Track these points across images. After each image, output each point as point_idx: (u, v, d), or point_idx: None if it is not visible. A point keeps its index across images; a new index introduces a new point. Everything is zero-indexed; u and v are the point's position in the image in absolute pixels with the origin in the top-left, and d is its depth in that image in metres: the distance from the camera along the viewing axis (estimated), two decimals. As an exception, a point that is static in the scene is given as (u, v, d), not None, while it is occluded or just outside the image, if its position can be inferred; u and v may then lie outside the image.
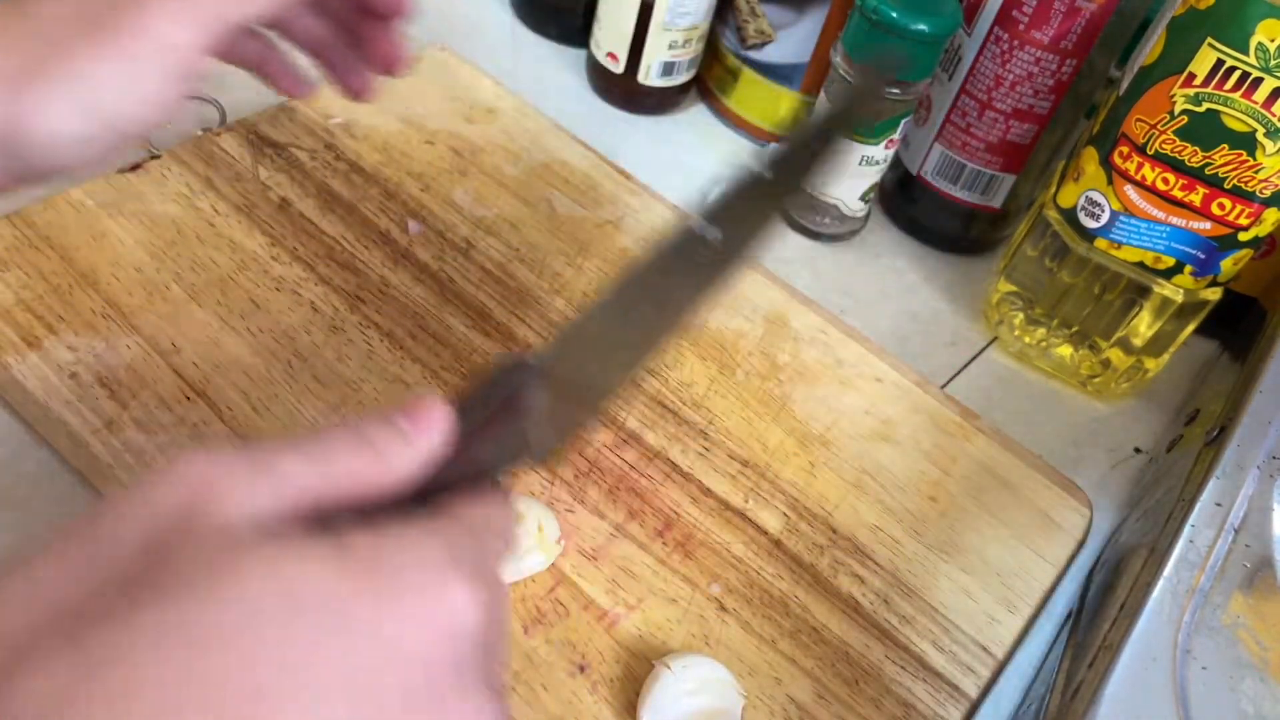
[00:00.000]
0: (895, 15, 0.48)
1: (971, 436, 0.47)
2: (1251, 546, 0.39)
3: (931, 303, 0.56)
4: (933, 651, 0.39)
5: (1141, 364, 0.51)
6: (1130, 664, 0.35)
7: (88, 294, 0.41)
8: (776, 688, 0.37)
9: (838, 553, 0.41)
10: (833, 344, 0.49)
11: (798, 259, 0.56)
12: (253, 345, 0.42)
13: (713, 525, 0.41)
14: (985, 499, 0.45)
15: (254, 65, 0.36)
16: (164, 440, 0.38)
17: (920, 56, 0.50)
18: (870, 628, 0.39)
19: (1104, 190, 0.46)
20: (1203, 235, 0.45)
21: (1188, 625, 0.36)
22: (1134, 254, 0.47)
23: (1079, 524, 0.45)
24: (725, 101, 0.62)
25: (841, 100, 0.51)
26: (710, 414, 0.45)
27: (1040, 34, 0.49)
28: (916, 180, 0.57)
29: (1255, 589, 0.38)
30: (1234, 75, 0.41)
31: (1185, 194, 0.44)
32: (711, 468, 0.43)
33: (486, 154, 0.53)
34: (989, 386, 0.53)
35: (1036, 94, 0.51)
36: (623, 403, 0.44)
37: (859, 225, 0.58)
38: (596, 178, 0.54)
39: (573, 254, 0.49)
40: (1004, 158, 0.54)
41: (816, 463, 0.44)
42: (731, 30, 0.59)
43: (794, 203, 0.57)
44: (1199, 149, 0.43)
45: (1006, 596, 0.42)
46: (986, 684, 0.39)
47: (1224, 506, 0.40)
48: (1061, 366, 0.53)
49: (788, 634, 0.38)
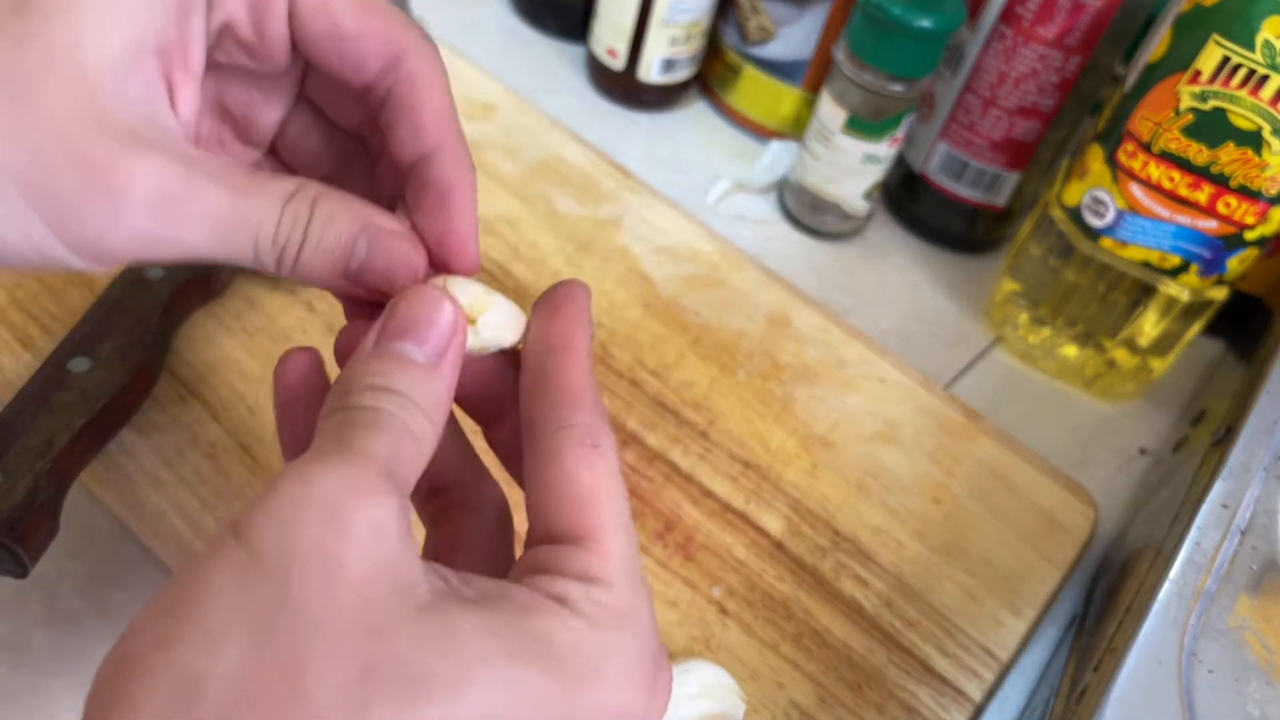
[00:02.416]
0: (898, 12, 0.47)
1: (975, 437, 0.47)
2: (1258, 549, 0.38)
3: (935, 302, 0.56)
4: (936, 655, 0.39)
5: (1147, 364, 0.51)
6: (1136, 667, 0.34)
7: (81, 293, 0.41)
8: (778, 692, 0.37)
9: (840, 555, 0.41)
10: (835, 344, 0.49)
11: (800, 257, 0.56)
12: (247, 345, 0.41)
13: (714, 527, 0.40)
14: (989, 501, 0.44)
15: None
16: (159, 441, 0.38)
17: (923, 53, 0.49)
18: (873, 631, 0.39)
19: (1109, 188, 0.46)
20: (1209, 234, 0.44)
21: (1193, 628, 0.36)
22: (1139, 253, 0.46)
23: (1084, 526, 0.44)
24: (726, 98, 0.62)
25: None
26: (711, 415, 0.44)
27: (1045, 30, 0.49)
28: (920, 178, 0.57)
29: (1262, 591, 0.37)
30: (1240, 72, 0.40)
31: (1191, 192, 0.44)
32: (712, 469, 0.42)
33: (485, 151, 0.53)
34: (993, 387, 0.52)
35: (1041, 91, 0.51)
36: (623, 403, 0.44)
37: (862, 224, 0.57)
38: (596, 175, 0.53)
39: (572, 252, 0.49)
40: (1008, 155, 0.54)
41: (819, 464, 0.44)
42: (733, 26, 0.59)
43: (796, 201, 0.57)
44: (1205, 147, 0.42)
45: (1011, 599, 0.41)
46: (991, 687, 0.39)
47: (1230, 508, 0.39)
48: (1066, 366, 0.53)
49: (790, 637, 0.38)
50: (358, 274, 0.24)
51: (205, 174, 0.22)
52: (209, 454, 0.38)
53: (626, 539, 0.23)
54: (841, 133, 0.52)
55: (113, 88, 0.21)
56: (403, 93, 0.25)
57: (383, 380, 0.22)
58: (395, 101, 0.25)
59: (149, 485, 0.37)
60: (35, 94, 0.21)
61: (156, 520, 0.36)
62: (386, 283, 0.25)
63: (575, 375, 0.24)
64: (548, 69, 0.62)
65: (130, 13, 0.21)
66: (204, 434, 0.38)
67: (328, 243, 0.24)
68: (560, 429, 0.23)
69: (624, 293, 0.48)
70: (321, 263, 0.24)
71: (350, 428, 0.21)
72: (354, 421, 0.21)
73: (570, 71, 0.63)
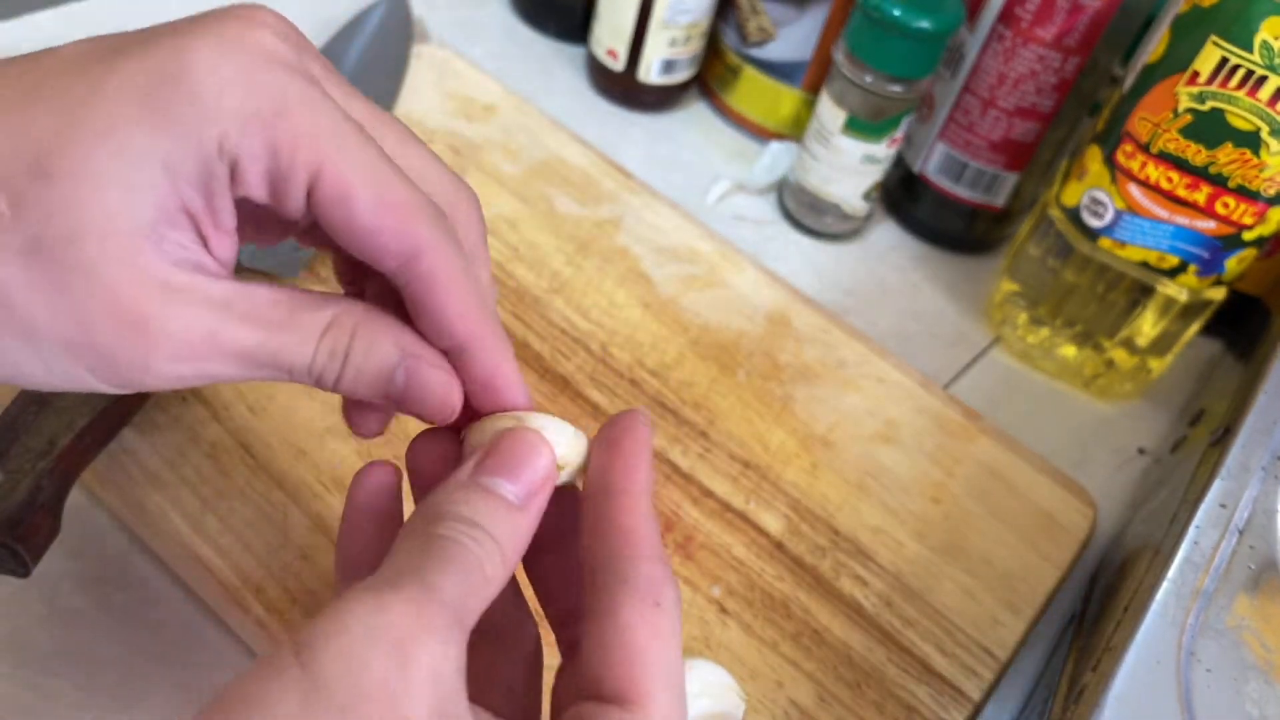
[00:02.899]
0: (897, 13, 0.47)
1: (975, 437, 0.47)
2: (1256, 548, 0.38)
3: (934, 302, 0.56)
4: (935, 654, 0.39)
5: (1146, 364, 0.51)
6: (1134, 667, 0.34)
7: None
8: (778, 691, 0.37)
9: (840, 555, 0.41)
10: (834, 344, 0.49)
11: (799, 258, 0.56)
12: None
13: (713, 527, 0.41)
14: (988, 500, 0.44)
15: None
16: (160, 441, 0.38)
17: (923, 54, 0.49)
18: (872, 630, 0.39)
19: (1108, 189, 0.46)
20: (1207, 234, 0.45)
21: (1192, 628, 0.36)
22: (1138, 253, 0.46)
23: (1083, 525, 0.45)
24: (726, 99, 0.62)
25: None
26: (711, 414, 0.44)
27: (1043, 31, 0.49)
28: (919, 179, 0.57)
29: (1260, 591, 0.38)
30: (1238, 73, 0.41)
31: (1189, 193, 0.44)
32: (712, 469, 0.42)
33: (485, 152, 0.53)
34: (992, 387, 0.52)
35: (1040, 92, 0.51)
36: (623, 403, 0.44)
37: (861, 224, 0.57)
38: (596, 176, 0.53)
39: (572, 252, 0.49)
40: (1007, 156, 0.54)
41: (818, 464, 0.44)
42: (732, 27, 0.59)
43: (796, 202, 0.57)
44: (1203, 147, 0.43)
45: (1010, 598, 0.41)
46: (989, 687, 0.39)
47: (1229, 508, 0.39)
48: (1065, 367, 0.53)
49: (789, 637, 0.38)
50: (397, 400, 0.25)
51: (238, 317, 0.23)
52: (210, 454, 0.38)
53: (676, 704, 0.23)
54: (841, 133, 0.52)
55: (147, 245, 0.22)
56: (420, 291, 0.24)
57: (471, 512, 0.22)
58: (413, 298, 0.25)
59: (150, 485, 0.37)
60: (72, 260, 0.21)
61: (158, 520, 0.36)
62: (420, 412, 0.25)
63: (635, 519, 0.24)
64: (548, 69, 0.62)
65: (152, 182, 0.21)
66: (205, 434, 0.38)
67: (367, 374, 0.24)
68: (621, 583, 0.23)
69: (624, 293, 0.48)
70: (362, 389, 0.25)
71: (428, 557, 0.21)
72: (433, 551, 0.21)
73: (570, 72, 0.63)
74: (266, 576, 0.35)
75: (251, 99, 0.22)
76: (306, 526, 0.37)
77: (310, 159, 0.22)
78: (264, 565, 0.36)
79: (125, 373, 0.22)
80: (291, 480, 0.38)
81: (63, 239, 0.21)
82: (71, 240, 0.21)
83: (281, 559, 0.36)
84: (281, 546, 0.36)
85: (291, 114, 0.22)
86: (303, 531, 0.37)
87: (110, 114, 0.21)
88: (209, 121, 0.21)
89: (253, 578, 0.35)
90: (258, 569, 0.35)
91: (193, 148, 0.21)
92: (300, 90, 0.22)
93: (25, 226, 0.21)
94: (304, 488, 0.38)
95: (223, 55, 0.22)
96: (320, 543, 0.37)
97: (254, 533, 0.36)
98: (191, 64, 0.22)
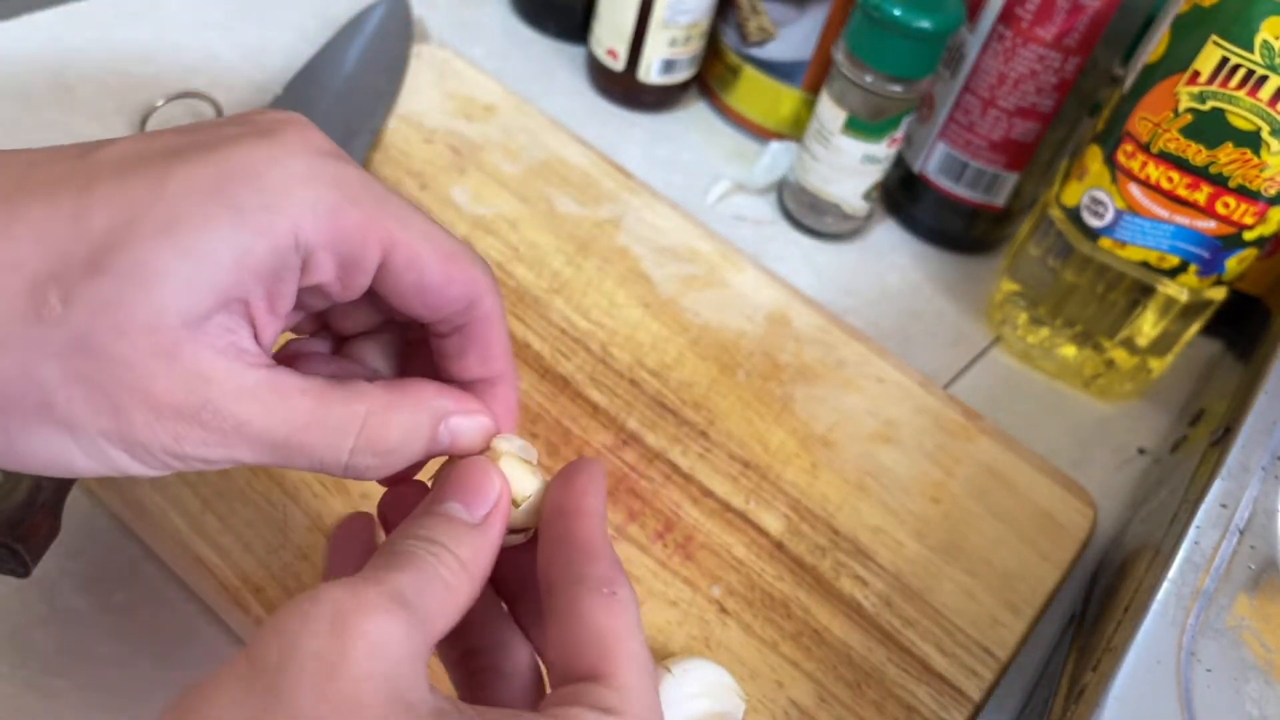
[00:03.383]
0: (897, 12, 0.47)
1: (975, 437, 0.47)
2: (1256, 548, 0.38)
3: (934, 302, 0.56)
4: (935, 654, 0.39)
5: (1146, 364, 0.51)
6: (1134, 667, 0.34)
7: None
8: (778, 691, 0.37)
9: (840, 555, 0.41)
10: (834, 344, 0.49)
11: (799, 258, 0.56)
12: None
13: (713, 527, 0.41)
14: (988, 500, 0.44)
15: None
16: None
17: (923, 54, 0.49)
18: (872, 630, 0.39)
19: (1108, 189, 0.46)
20: (1207, 234, 0.45)
21: (1192, 628, 0.36)
22: (1138, 253, 0.46)
23: (1083, 525, 0.45)
24: (726, 99, 0.62)
25: None
26: (711, 414, 0.44)
27: (1043, 31, 0.49)
28: (919, 178, 0.57)
29: (1260, 591, 0.38)
30: (1239, 73, 0.41)
31: (1190, 193, 0.44)
32: (712, 469, 0.42)
33: (485, 152, 0.53)
34: (992, 387, 0.52)
35: (1040, 92, 0.51)
36: (623, 403, 0.44)
37: (861, 224, 0.57)
38: (596, 176, 0.53)
39: (572, 252, 0.49)
40: (1007, 156, 0.54)
41: (818, 464, 0.44)
42: (732, 27, 0.59)
43: (796, 202, 0.57)
44: (1204, 147, 0.43)
45: (1010, 598, 0.41)
46: (989, 687, 0.39)
47: (1229, 508, 0.39)
48: (1065, 367, 0.53)
49: (789, 637, 0.38)
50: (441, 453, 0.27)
51: (266, 411, 0.23)
52: (210, 454, 0.38)
53: (646, 678, 0.23)
54: (841, 133, 0.52)
55: (192, 337, 0.22)
56: (478, 331, 0.27)
57: (426, 532, 0.23)
58: (469, 336, 0.27)
59: (150, 484, 0.37)
60: (116, 354, 0.21)
61: (158, 519, 0.36)
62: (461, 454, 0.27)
63: (589, 534, 0.25)
64: (548, 69, 0.62)
65: (214, 279, 0.22)
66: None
67: (407, 454, 0.26)
68: (576, 582, 0.24)
69: (624, 293, 0.48)
70: (400, 465, 0.26)
71: (382, 568, 0.22)
72: (388, 564, 0.22)
73: (570, 72, 0.63)
74: (266, 576, 0.35)
75: (321, 191, 0.23)
76: (306, 526, 0.37)
77: (383, 237, 0.24)
78: (264, 565, 0.36)
79: (160, 457, 0.23)
80: (291, 480, 0.38)
81: (110, 333, 0.21)
82: (119, 334, 0.21)
83: (281, 559, 0.36)
84: (281, 546, 0.36)
85: (360, 201, 0.24)
86: (302, 531, 0.37)
87: (173, 213, 0.22)
88: (283, 216, 0.22)
89: (252, 578, 0.35)
90: (257, 569, 0.35)
91: (266, 241, 0.22)
92: (358, 177, 0.24)
93: (74, 323, 0.21)
94: (304, 488, 0.38)
95: (287, 153, 0.23)
96: (320, 542, 0.37)
97: (254, 532, 0.36)
98: (258, 162, 0.23)
